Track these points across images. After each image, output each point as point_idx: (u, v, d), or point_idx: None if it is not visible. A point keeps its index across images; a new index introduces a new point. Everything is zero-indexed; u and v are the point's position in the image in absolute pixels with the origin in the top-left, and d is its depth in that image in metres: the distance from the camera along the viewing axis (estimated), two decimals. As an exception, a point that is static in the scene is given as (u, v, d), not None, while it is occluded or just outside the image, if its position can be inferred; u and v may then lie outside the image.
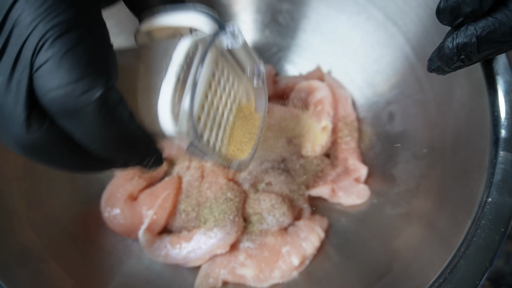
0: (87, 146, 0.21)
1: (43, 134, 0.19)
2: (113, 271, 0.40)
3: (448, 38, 0.27)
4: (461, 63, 0.27)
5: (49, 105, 0.19)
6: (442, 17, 0.26)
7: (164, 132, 0.22)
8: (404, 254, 0.37)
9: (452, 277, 0.29)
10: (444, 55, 0.27)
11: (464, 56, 0.26)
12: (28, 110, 0.19)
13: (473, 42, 0.25)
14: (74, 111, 0.19)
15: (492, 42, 0.25)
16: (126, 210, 0.42)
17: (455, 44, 0.26)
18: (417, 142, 0.43)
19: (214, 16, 0.24)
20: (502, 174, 0.31)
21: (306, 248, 0.41)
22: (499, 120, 0.33)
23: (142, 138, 0.22)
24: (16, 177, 0.39)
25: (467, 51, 0.26)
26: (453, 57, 0.27)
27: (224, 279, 0.41)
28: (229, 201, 0.42)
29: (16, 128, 0.19)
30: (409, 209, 0.40)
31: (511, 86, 0.34)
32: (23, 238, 0.36)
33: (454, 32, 0.26)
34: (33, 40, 0.18)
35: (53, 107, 0.19)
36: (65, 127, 0.20)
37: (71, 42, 0.18)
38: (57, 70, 0.18)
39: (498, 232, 0.29)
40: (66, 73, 0.18)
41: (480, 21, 0.25)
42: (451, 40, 0.26)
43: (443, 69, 0.28)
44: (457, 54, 0.26)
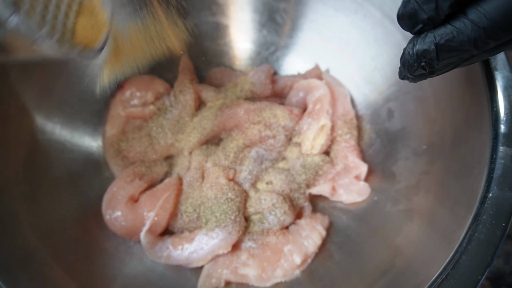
0: None
1: None
2: (116, 273, 0.40)
3: (409, 44, 0.26)
4: (423, 71, 0.26)
5: None
6: (402, 23, 0.26)
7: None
8: (406, 251, 0.37)
9: (455, 272, 0.29)
10: (405, 61, 0.27)
11: (425, 63, 0.26)
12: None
13: (432, 50, 0.25)
14: None
15: (452, 51, 0.25)
16: (127, 212, 0.42)
17: (415, 50, 0.26)
18: (417, 139, 0.43)
19: None
20: (502, 169, 0.32)
21: (308, 246, 0.42)
22: (498, 115, 0.33)
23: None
24: (17, 181, 0.39)
25: (427, 58, 0.25)
26: (414, 64, 0.26)
27: (227, 279, 0.41)
28: (230, 201, 0.42)
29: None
30: (410, 206, 0.40)
31: (509, 81, 0.34)
32: (25, 242, 0.36)
33: (415, 39, 0.26)
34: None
35: None
36: None
37: None
38: None
39: (499, 227, 0.30)
40: None
41: (440, 29, 0.25)
42: (411, 46, 0.26)
43: (407, 76, 0.28)
44: (417, 61, 0.26)
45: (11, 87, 0.40)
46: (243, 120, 0.46)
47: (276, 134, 0.46)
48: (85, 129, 0.47)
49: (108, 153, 0.47)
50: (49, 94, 0.43)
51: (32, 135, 0.41)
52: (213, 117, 0.46)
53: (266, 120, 0.46)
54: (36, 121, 0.42)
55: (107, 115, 0.48)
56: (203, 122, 0.46)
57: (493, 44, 0.24)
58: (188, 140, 0.46)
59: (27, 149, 0.41)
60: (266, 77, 0.50)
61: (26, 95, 0.41)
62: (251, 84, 0.49)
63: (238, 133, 0.46)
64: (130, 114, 0.48)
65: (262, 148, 0.46)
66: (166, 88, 0.50)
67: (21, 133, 0.40)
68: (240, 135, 0.46)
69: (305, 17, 0.51)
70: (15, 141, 0.40)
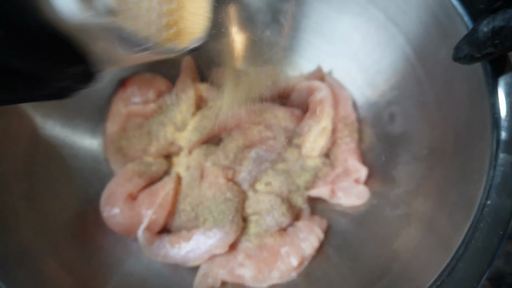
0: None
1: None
2: (112, 270, 0.41)
3: (483, 22, 0.26)
4: (493, 49, 0.26)
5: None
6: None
7: (70, 20, 0.17)
8: (403, 256, 0.37)
9: (450, 279, 0.29)
10: (477, 39, 0.26)
11: (498, 41, 0.25)
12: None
13: (510, 26, 0.24)
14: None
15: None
16: (125, 209, 0.42)
17: (490, 27, 0.25)
18: (418, 144, 0.42)
19: None
20: (502, 176, 0.31)
21: (305, 248, 0.41)
22: (499, 122, 0.33)
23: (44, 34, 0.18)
24: (15, 176, 0.39)
25: (501, 36, 0.25)
26: (487, 42, 0.26)
27: (223, 279, 0.41)
28: (228, 201, 0.42)
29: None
30: (409, 211, 0.40)
31: (511, 87, 0.33)
32: (22, 238, 0.36)
33: (490, 16, 0.25)
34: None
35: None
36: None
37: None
38: None
39: (496, 235, 0.29)
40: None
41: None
42: (486, 23, 0.25)
43: (473, 56, 0.27)
44: (491, 39, 0.26)
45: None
46: (243, 121, 0.46)
47: (276, 135, 0.46)
48: (86, 126, 0.47)
49: (108, 150, 0.47)
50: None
51: (32, 132, 0.42)
52: (214, 117, 0.46)
53: (267, 121, 0.46)
54: (37, 117, 0.42)
55: (108, 112, 0.48)
56: (204, 122, 0.46)
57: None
58: (188, 139, 0.46)
59: (27, 145, 0.41)
60: (268, 78, 0.50)
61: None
62: (252, 84, 0.49)
63: (238, 133, 0.46)
64: (131, 111, 0.48)
65: (262, 149, 0.46)
66: (167, 87, 0.50)
67: (21, 129, 0.41)
68: (240, 135, 0.46)
69: (308, 18, 0.51)
70: (15, 138, 0.40)
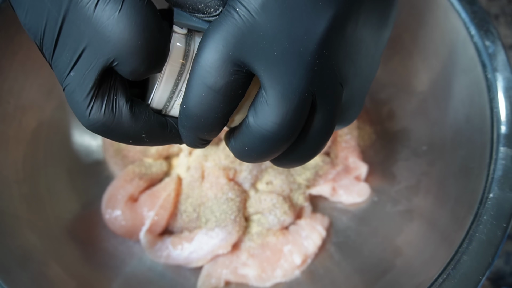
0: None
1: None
2: (115, 272, 0.40)
3: None
4: None
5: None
6: None
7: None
8: (406, 251, 0.37)
9: (455, 272, 0.29)
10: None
11: None
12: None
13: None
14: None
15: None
16: (127, 211, 0.42)
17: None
18: (417, 139, 0.43)
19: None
20: (503, 169, 0.32)
21: (308, 246, 0.42)
22: (499, 116, 0.33)
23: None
24: (17, 180, 0.38)
25: None
26: None
27: (227, 279, 0.41)
28: (230, 201, 0.42)
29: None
30: (410, 207, 0.40)
31: (510, 82, 0.34)
32: (24, 241, 0.36)
33: None
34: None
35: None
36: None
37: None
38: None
39: (500, 228, 0.30)
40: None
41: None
42: None
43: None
44: None
45: (11, 85, 0.39)
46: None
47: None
48: (85, 128, 0.47)
49: (108, 152, 0.47)
50: (49, 93, 0.43)
51: (32, 134, 0.41)
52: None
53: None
54: (36, 120, 0.42)
55: (107, 114, 0.48)
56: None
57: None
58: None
59: (27, 147, 0.40)
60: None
61: (25, 93, 0.41)
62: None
63: (238, 133, 0.46)
64: (130, 113, 0.48)
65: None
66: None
67: (21, 131, 0.40)
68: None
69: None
70: (15, 140, 0.39)
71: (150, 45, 0.19)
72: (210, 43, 0.19)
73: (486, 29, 0.36)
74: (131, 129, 0.22)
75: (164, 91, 0.22)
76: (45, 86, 0.43)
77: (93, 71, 0.20)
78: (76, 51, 0.19)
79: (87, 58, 0.19)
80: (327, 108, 0.22)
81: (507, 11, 0.56)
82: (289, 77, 0.20)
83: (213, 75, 0.19)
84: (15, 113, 0.40)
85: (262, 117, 0.20)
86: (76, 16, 0.19)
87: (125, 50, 0.19)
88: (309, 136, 0.22)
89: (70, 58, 0.20)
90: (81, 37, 0.19)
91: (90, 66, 0.19)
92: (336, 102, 0.22)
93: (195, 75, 0.20)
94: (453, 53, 0.39)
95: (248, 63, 0.20)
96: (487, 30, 0.36)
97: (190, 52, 0.22)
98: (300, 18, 0.19)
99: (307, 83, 0.20)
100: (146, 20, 0.19)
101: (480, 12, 0.36)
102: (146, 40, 0.19)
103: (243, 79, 0.20)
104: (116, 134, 0.22)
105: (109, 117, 0.21)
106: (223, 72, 0.19)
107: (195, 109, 0.20)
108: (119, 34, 0.19)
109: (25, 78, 0.41)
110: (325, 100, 0.21)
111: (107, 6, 0.18)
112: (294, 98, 0.20)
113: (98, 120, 0.21)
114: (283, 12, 0.19)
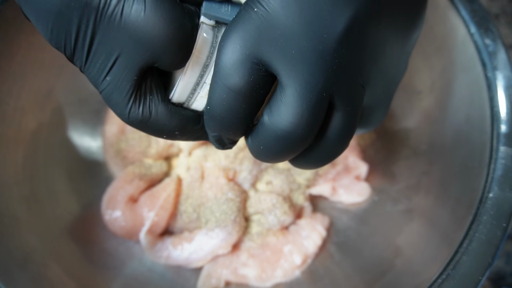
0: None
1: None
2: (115, 273, 0.40)
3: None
4: None
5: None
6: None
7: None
8: (406, 251, 0.37)
9: (455, 273, 0.29)
10: None
11: None
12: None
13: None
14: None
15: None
16: (127, 212, 0.42)
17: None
18: (417, 139, 0.43)
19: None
20: (503, 169, 0.32)
21: (308, 246, 0.42)
22: (499, 115, 0.33)
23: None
24: (16, 181, 0.38)
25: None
26: None
27: (227, 280, 0.41)
28: (230, 201, 0.42)
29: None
30: (410, 206, 0.40)
31: (510, 81, 0.34)
32: (24, 243, 0.36)
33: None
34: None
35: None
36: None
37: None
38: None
39: (500, 227, 0.30)
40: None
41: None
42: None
43: None
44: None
45: (10, 87, 0.39)
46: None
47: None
48: (85, 129, 0.47)
49: (108, 153, 0.47)
50: (48, 94, 0.43)
51: (32, 135, 0.41)
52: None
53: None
54: (35, 121, 0.42)
55: (106, 115, 0.48)
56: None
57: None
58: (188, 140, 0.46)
59: (27, 149, 0.41)
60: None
61: (25, 95, 0.41)
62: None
63: (238, 133, 0.46)
64: (129, 114, 0.48)
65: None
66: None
67: (21, 133, 0.40)
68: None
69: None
70: (15, 141, 0.40)
71: (181, 34, 0.20)
72: (228, 43, 0.19)
73: (486, 28, 0.36)
74: (166, 125, 0.22)
75: (188, 83, 0.22)
76: (44, 87, 0.43)
77: (131, 73, 0.20)
78: (110, 57, 0.20)
79: (122, 62, 0.20)
80: (346, 109, 0.21)
81: (508, 10, 0.56)
82: (306, 75, 0.19)
83: (233, 76, 0.19)
84: (14, 115, 0.40)
85: (278, 116, 0.20)
86: (105, 26, 0.19)
87: (159, 47, 0.19)
88: (327, 137, 0.22)
89: (105, 65, 0.20)
90: (113, 43, 0.19)
91: (127, 69, 0.20)
92: (357, 103, 0.22)
93: (216, 77, 0.20)
94: (453, 52, 0.38)
95: (266, 62, 0.19)
96: (487, 28, 0.36)
97: (217, 44, 0.22)
98: (319, 16, 0.19)
99: (326, 82, 0.20)
100: (172, 12, 0.19)
101: (480, 11, 0.36)
102: (177, 30, 0.20)
103: (264, 78, 0.20)
104: (152, 130, 0.22)
105: (147, 115, 0.22)
106: (242, 73, 0.19)
107: (218, 110, 0.20)
108: (150, 32, 0.19)
109: (25, 80, 0.41)
110: (345, 101, 0.21)
111: (132, 9, 0.19)
112: (312, 97, 0.19)
113: (137, 118, 0.21)
114: (302, 10, 0.19)
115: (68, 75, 0.44)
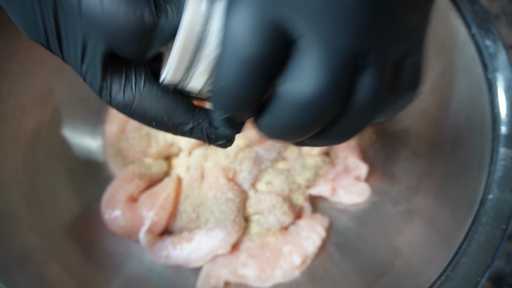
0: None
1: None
2: (115, 273, 0.40)
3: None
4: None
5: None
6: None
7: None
8: (405, 252, 0.37)
9: (454, 274, 0.29)
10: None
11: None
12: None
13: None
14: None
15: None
16: (126, 211, 0.42)
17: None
18: (417, 140, 0.43)
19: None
20: (503, 171, 0.32)
21: (308, 247, 0.41)
22: (499, 116, 0.33)
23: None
24: (16, 180, 0.39)
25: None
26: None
27: (226, 279, 0.41)
28: (229, 201, 0.42)
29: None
30: (410, 207, 0.40)
31: (511, 83, 0.34)
32: (24, 242, 0.36)
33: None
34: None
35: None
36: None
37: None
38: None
39: (499, 229, 0.30)
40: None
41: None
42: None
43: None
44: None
45: (11, 86, 0.39)
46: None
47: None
48: (85, 129, 0.47)
49: (108, 152, 0.47)
50: (48, 93, 0.43)
51: (32, 134, 0.41)
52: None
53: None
54: (36, 120, 0.42)
55: (107, 115, 0.48)
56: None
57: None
58: (188, 140, 0.46)
59: (27, 148, 0.41)
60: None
61: (25, 93, 0.41)
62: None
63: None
64: (130, 113, 0.48)
65: (262, 148, 0.46)
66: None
67: (21, 132, 0.40)
68: (240, 135, 0.46)
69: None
70: (15, 140, 0.40)
71: (139, 22, 0.19)
72: (237, 9, 0.17)
73: (486, 29, 0.36)
74: (152, 110, 0.21)
75: (180, 62, 0.20)
76: (44, 86, 0.43)
77: (97, 61, 0.20)
78: (78, 46, 0.20)
79: (89, 49, 0.20)
80: (377, 70, 0.18)
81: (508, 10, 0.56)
82: (332, 33, 0.17)
83: (247, 46, 0.17)
84: (14, 114, 0.40)
85: (299, 83, 0.17)
86: (65, 14, 0.19)
87: (118, 34, 0.19)
88: (355, 104, 0.19)
89: (76, 53, 0.20)
90: (77, 32, 0.19)
91: (95, 56, 0.20)
92: (387, 64, 0.19)
93: (226, 50, 0.17)
94: (454, 53, 0.38)
95: (284, 24, 0.17)
96: (487, 29, 0.36)
97: (211, 13, 0.19)
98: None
99: (354, 42, 0.17)
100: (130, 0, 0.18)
101: (481, 12, 0.36)
102: (137, 19, 0.18)
103: (282, 45, 0.17)
104: (139, 115, 0.22)
105: (129, 99, 0.21)
106: (257, 42, 0.17)
107: (230, 87, 0.18)
108: (108, 19, 0.18)
109: (25, 79, 0.41)
110: (375, 64, 0.18)
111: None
112: (339, 57, 0.17)
113: (120, 102, 0.21)
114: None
115: (68, 74, 0.44)
